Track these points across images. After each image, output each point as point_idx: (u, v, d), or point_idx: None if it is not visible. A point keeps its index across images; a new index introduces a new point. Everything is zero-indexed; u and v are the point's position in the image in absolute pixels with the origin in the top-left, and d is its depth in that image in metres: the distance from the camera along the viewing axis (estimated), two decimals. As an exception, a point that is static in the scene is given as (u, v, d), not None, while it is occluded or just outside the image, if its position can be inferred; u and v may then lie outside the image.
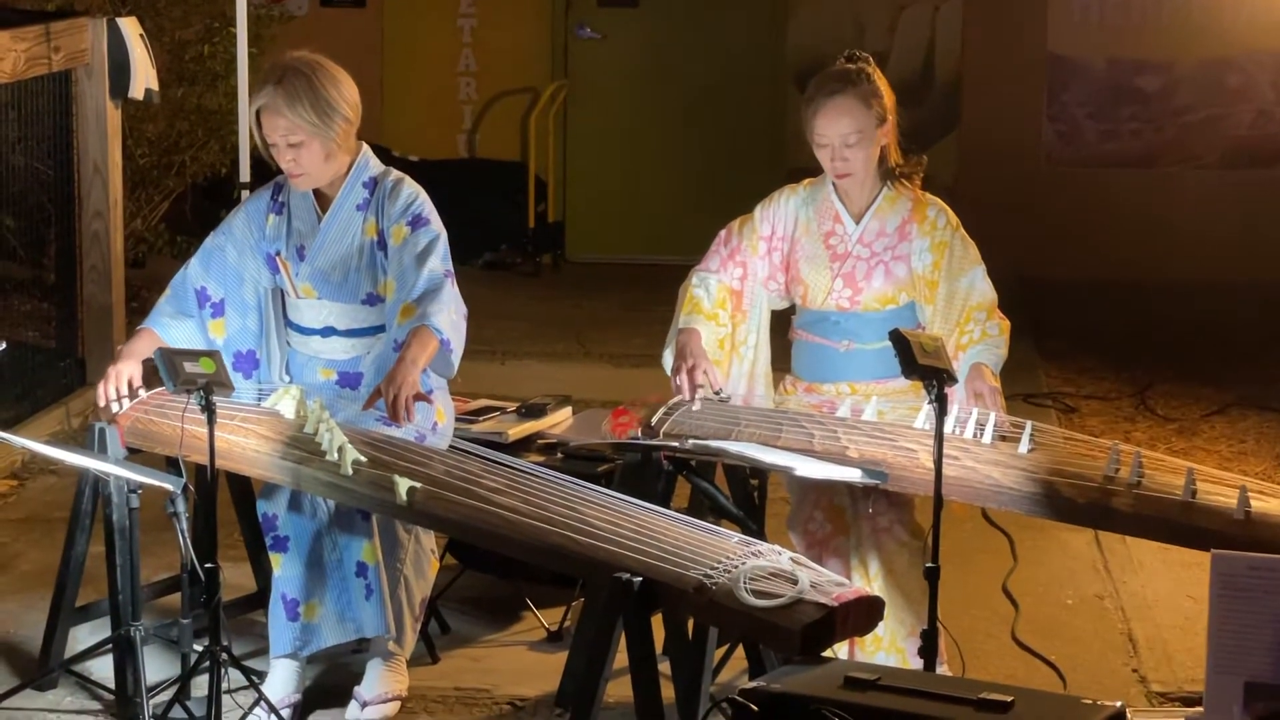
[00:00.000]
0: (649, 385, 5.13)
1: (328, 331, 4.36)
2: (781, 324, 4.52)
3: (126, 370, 4.24)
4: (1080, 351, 7.78)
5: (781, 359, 4.51)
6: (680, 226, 9.33)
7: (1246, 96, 9.26)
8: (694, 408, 4.23)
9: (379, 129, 9.19)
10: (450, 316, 4.19)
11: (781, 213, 4.42)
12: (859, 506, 4.16)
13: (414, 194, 4.34)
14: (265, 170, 5.53)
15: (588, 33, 9.55)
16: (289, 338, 4.42)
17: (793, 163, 9.06)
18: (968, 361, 4.20)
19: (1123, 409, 6.97)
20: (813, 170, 4.41)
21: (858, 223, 4.34)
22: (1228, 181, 9.25)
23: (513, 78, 9.60)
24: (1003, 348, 4.27)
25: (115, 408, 4.22)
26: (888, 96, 4.31)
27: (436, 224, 4.33)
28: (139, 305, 7.52)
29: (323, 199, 4.37)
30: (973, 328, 4.26)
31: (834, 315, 4.36)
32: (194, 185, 8.62)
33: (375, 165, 4.40)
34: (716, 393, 4.28)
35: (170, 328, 4.37)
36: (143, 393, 4.26)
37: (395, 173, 4.40)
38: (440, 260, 4.26)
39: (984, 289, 4.31)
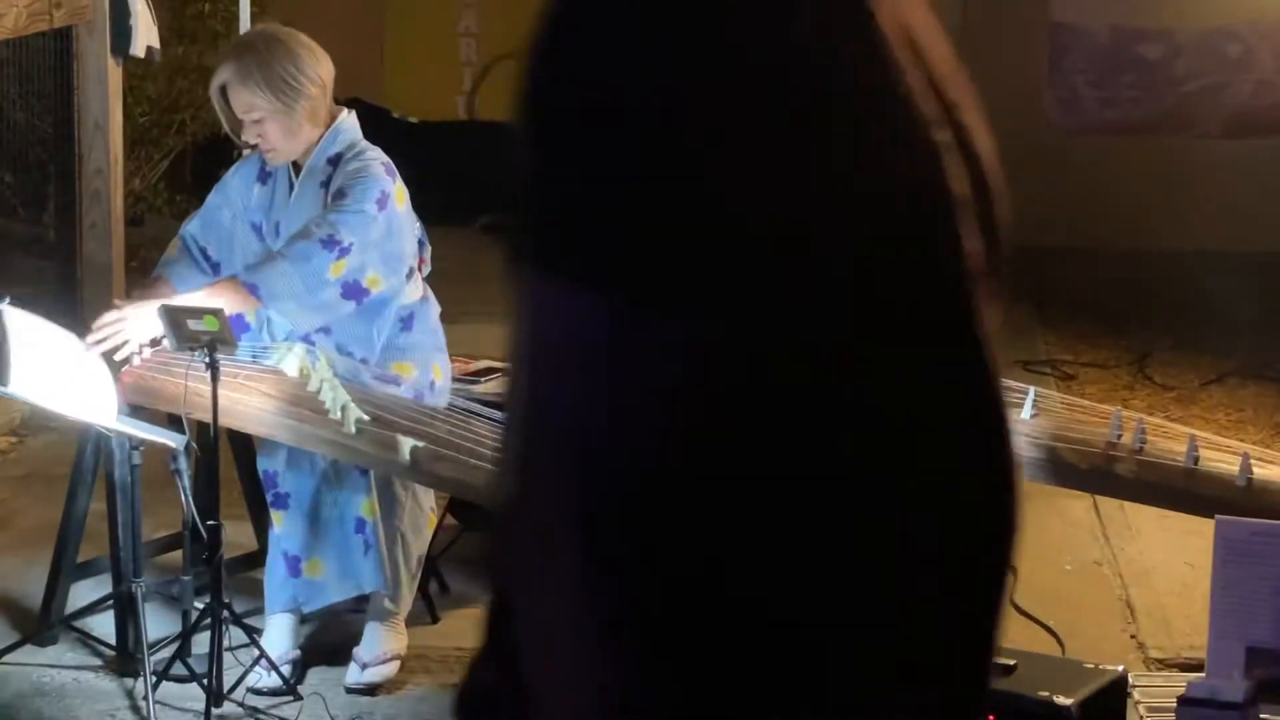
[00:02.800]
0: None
1: None
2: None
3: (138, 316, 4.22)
4: (1079, 319, 7.79)
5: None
6: (679, 190, 9.33)
7: (1247, 66, 9.25)
8: None
9: (379, 90, 9.16)
10: (287, 286, 4.07)
11: None
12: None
13: (361, 168, 4.17)
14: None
15: (589, -5, 9.52)
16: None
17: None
18: None
19: (1121, 377, 6.98)
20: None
21: None
22: (1228, 150, 9.24)
23: (514, 39, 9.55)
24: None
25: (136, 361, 4.21)
26: None
27: (371, 205, 4.12)
28: (138, 264, 7.52)
29: (299, 171, 4.31)
30: None
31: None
32: (193, 144, 8.61)
33: (344, 140, 4.24)
34: None
35: (188, 280, 4.32)
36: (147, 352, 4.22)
37: (361, 149, 4.23)
38: (341, 227, 4.07)
39: None
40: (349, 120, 4.28)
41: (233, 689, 3.96)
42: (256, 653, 4.06)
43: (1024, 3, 9.29)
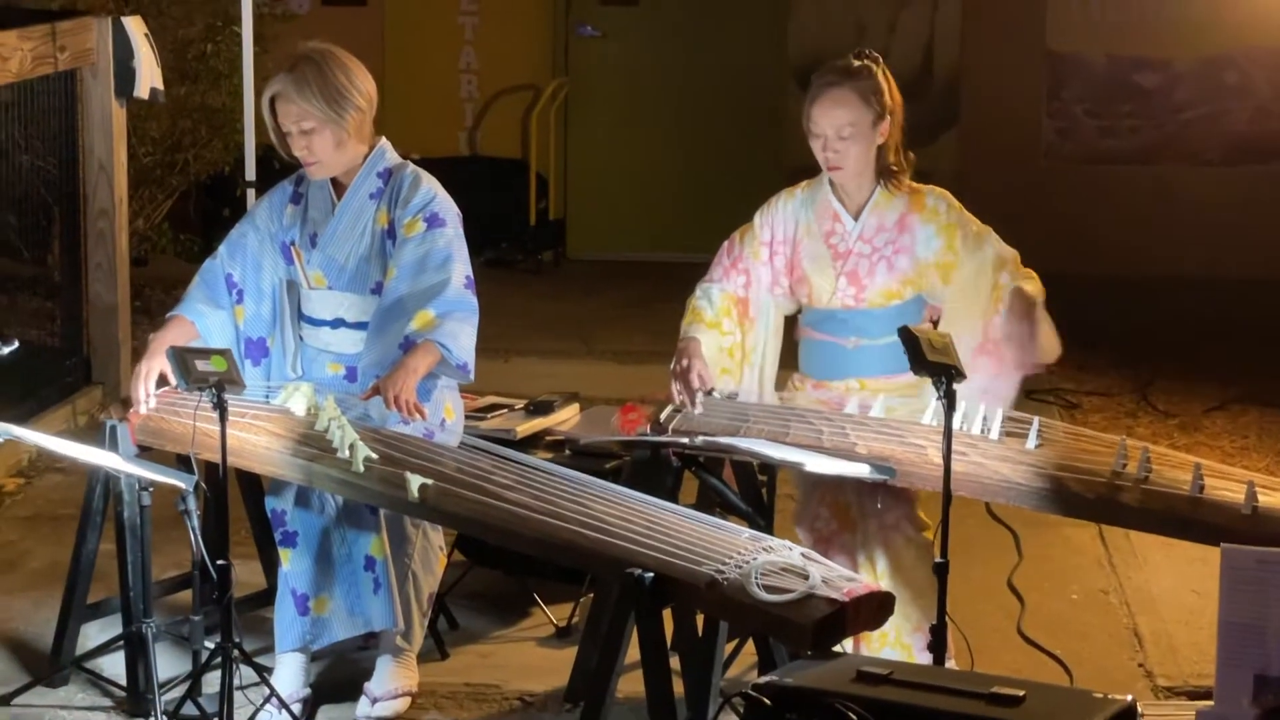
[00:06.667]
0: (651, 382, 5.15)
1: (337, 323, 4.37)
2: (787, 323, 4.53)
3: (157, 367, 4.25)
4: (1081, 348, 7.77)
5: (787, 357, 4.52)
6: (680, 224, 9.36)
7: (1244, 93, 9.29)
8: (695, 412, 4.24)
9: (380, 126, 9.18)
10: (466, 339, 4.24)
11: (780, 216, 4.42)
12: (865, 503, 4.18)
13: (431, 191, 4.36)
14: (270, 169, 5.55)
15: (589, 30, 9.57)
16: (301, 331, 4.44)
17: (793, 161, 9.04)
18: (1007, 300, 4.20)
19: (1124, 405, 6.99)
20: (811, 169, 4.42)
21: (856, 219, 4.36)
22: (1226, 178, 9.28)
23: (514, 75, 9.61)
24: (1036, 282, 4.28)
25: (143, 409, 4.23)
26: (890, 96, 4.31)
27: (454, 225, 4.33)
28: (143, 304, 7.54)
29: (339, 188, 4.40)
30: (1004, 277, 4.28)
31: (840, 313, 4.37)
32: (197, 184, 8.64)
33: (392, 157, 4.42)
34: (709, 392, 4.28)
35: (206, 315, 4.38)
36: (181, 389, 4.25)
37: (414, 167, 4.42)
38: (462, 264, 4.30)
39: (1002, 249, 4.33)
40: (388, 143, 4.43)
41: (244, 728, 3.96)
42: (267, 691, 4.06)
43: (1021, 33, 9.33)
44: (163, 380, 4.25)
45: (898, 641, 4.15)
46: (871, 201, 4.34)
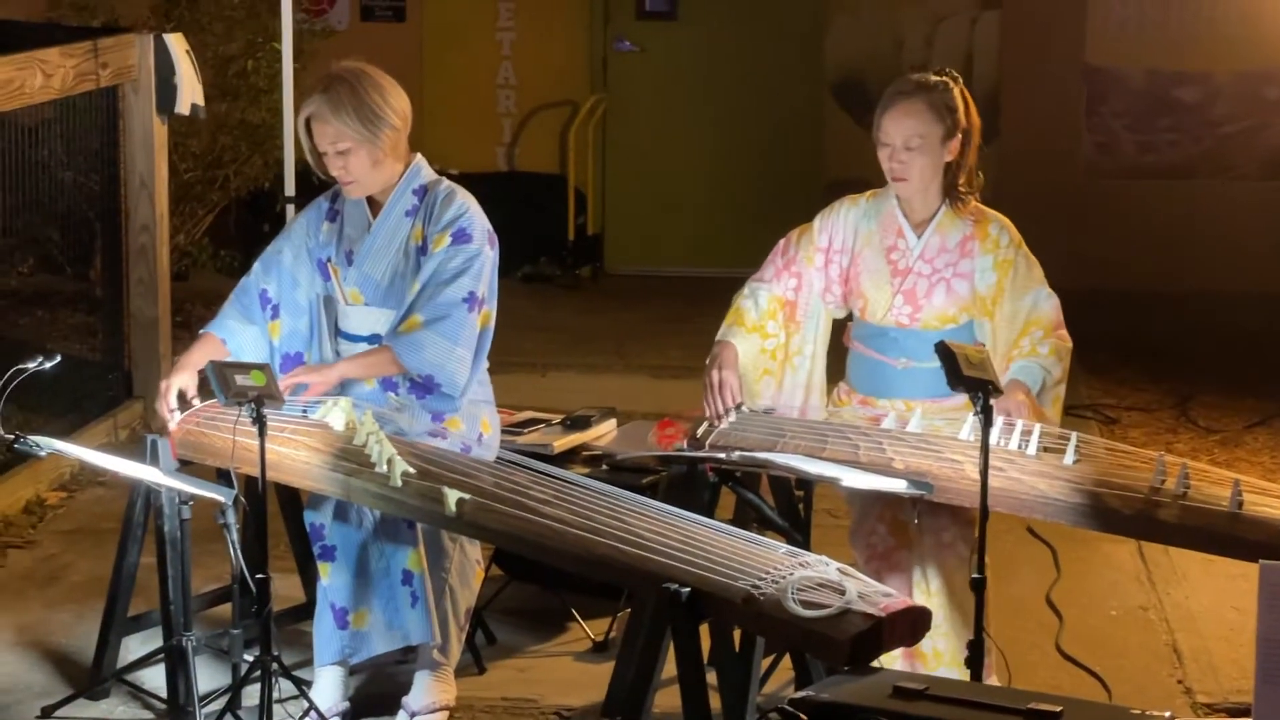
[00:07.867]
0: (689, 397, 5.15)
1: (374, 339, 4.39)
2: (837, 329, 4.52)
3: (177, 383, 4.28)
4: (1120, 363, 7.78)
5: (835, 366, 4.51)
6: (718, 239, 9.37)
7: (1285, 108, 9.25)
8: (720, 426, 4.23)
9: (419, 142, 9.21)
10: (435, 352, 4.23)
11: (841, 224, 4.41)
12: (924, 520, 4.15)
13: (464, 206, 4.37)
14: (309, 184, 5.59)
15: (627, 45, 9.59)
16: (339, 346, 4.46)
17: (830, 175, 9.07)
18: (1007, 377, 4.18)
19: (1164, 420, 6.97)
20: (849, 183, 4.41)
21: (919, 236, 4.33)
22: (1265, 192, 9.24)
23: (552, 91, 9.63)
24: (1055, 369, 4.22)
25: (171, 424, 4.26)
26: (965, 114, 4.29)
27: (480, 242, 4.33)
28: (183, 319, 7.59)
29: (375, 206, 4.42)
30: (1025, 343, 4.24)
31: (893, 331, 4.34)
32: (237, 199, 8.69)
33: (428, 174, 4.43)
34: (737, 406, 4.27)
35: (237, 332, 4.41)
36: (196, 402, 4.29)
37: (449, 183, 4.43)
38: (470, 280, 4.28)
39: (1045, 308, 4.28)
40: (423, 160, 4.44)
41: (282, 741, 3.98)
42: (306, 705, 4.08)
43: (1060, 48, 9.32)
44: (182, 397, 4.28)
45: (954, 661, 4.11)
46: (936, 220, 4.32)
